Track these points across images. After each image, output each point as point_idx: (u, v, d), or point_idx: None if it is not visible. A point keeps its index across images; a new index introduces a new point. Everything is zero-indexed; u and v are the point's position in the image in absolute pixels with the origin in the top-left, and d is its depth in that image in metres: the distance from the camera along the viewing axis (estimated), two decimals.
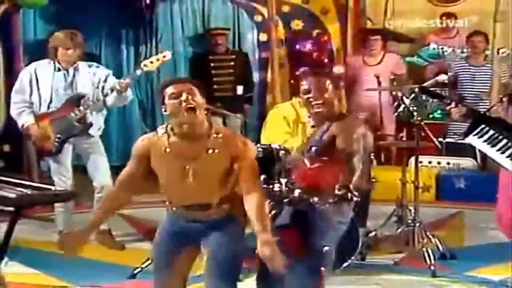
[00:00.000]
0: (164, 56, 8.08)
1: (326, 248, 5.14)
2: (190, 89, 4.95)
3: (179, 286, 5.16)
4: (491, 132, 6.77)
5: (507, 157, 6.63)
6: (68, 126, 8.08)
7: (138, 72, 8.07)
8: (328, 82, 5.33)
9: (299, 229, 5.25)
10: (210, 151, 4.94)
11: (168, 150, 4.99)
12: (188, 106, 4.87)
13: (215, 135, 4.98)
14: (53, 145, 8.13)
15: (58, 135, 8.10)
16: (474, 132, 6.90)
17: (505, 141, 6.67)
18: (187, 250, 5.10)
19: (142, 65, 7.98)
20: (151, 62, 7.96)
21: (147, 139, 5.16)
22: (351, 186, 4.93)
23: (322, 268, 5.21)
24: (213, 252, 4.99)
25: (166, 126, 5.07)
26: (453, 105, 7.11)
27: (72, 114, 8.04)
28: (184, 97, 4.88)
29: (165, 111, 4.99)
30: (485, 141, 6.80)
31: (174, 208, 5.12)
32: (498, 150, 6.70)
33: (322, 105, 5.25)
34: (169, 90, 4.97)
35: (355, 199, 4.97)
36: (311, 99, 5.26)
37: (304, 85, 5.35)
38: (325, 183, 5.05)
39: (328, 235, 5.22)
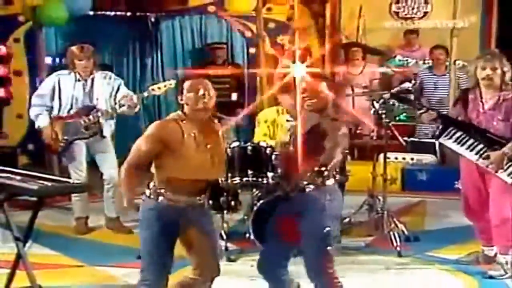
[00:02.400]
0: (170, 84, 8.15)
1: (327, 229, 5.10)
2: (206, 84, 5.14)
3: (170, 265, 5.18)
4: (459, 133, 6.85)
5: (476, 154, 6.68)
6: (76, 130, 8.15)
7: (145, 94, 8.14)
8: (324, 84, 5.28)
9: (296, 217, 5.20)
10: (214, 139, 5.14)
11: (189, 134, 5.04)
12: (204, 99, 5.06)
13: (214, 126, 5.21)
14: (58, 145, 8.16)
15: (65, 137, 8.14)
16: (444, 134, 6.96)
17: (472, 140, 6.73)
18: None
19: (150, 89, 8.06)
20: (158, 88, 8.13)
21: (169, 119, 5.19)
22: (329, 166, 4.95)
23: (328, 248, 5.16)
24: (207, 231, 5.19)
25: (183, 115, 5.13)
26: (423, 110, 7.15)
27: (81, 121, 8.10)
28: (201, 92, 5.06)
29: (181, 99, 5.10)
30: (454, 141, 6.86)
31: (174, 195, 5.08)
32: (467, 149, 6.76)
33: (314, 103, 5.20)
34: (187, 84, 5.10)
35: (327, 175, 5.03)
36: (305, 98, 5.22)
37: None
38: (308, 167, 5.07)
39: (323, 217, 5.15)
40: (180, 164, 5.02)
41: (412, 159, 10.99)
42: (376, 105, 7.96)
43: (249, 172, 6.33)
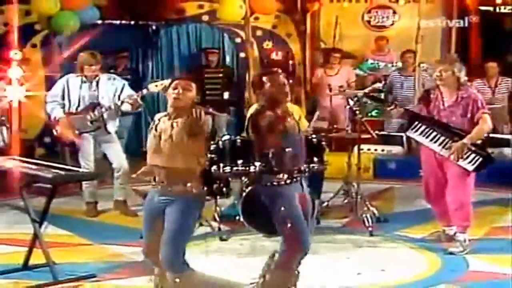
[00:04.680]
0: (165, 83, 8.09)
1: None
2: (187, 85, 4.92)
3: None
4: (424, 127, 6.87)
5: (439, 145, 6.70)
6: (83, 125, 8.13)
7: (145, 91, 7.95)
8: (283, 77, 5.15)
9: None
10: (178, 132, 4.82)
11: (158, 124, 4.94)
12: (176, 96, 4.86)
13: (189, 121, 4.84)
14: (69, 138, 8.14)
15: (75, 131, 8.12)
16: (411, 128, 6.99)
17: (435, 133, 6.76)
18: (162, 219, 4.92)
19: (149, 87, 7.92)
20: (156, 86, 7.93)
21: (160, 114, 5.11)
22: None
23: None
24: (167, 224, 4.86)
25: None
26: (392, 107, 7.17)
27: (88, 117, 8.10)
28: (176, 90, 4.86)
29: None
30: (419, 134, 6.89)
31: (155, 180, 4.96)
32: (431, 140, 6.79)
33: (283, 94, 5.06)
34: (173, 84, 4.94)
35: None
36: (272, 90, 5.04)
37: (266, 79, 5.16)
38: None
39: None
40: (149, 151, 4.99)
41: (382, 150, 11.00)
42: (351, 103, 7.96)
43: (239, 162, 6.33)
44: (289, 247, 4.96)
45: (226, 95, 11.62)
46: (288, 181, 4.97)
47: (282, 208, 4.90)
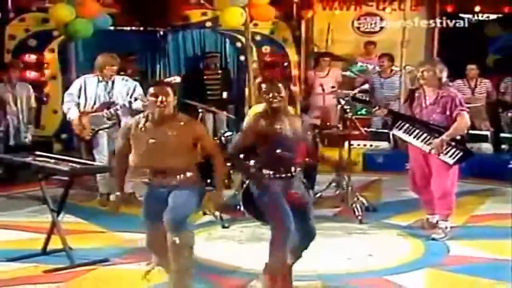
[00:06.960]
0: (174, 79, 8.15)
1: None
2: (165, 91, 4.88)
3: (163, 237, 4.98)
4: (406, 125, 6.90)
5: (421, 141, 6.72)
6: (100, 122, 8.12)
7: None
8: (280, 85, 5.15)
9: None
10: (170, 133, 4.87)
11: (142, 129, 4.93)
12: (161, 105, 4.84)
13: (177, 122, 4.91)
14: (88, 133, 8.13)
15: (92, 127, 8.12)
16: (395, 126, 7.01)
17: (417, 130, 6.78)
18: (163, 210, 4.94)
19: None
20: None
21: (133, 120, 5.11)
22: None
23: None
24: (171, 200, 4.90)
25: (146, 114, 5.00)
26: (377, 108, 7.21)
27: (104, 114, 8.09)
28: (160, 98, 4.83)
29: (146, 101, 4.98)
30: (403, 132, 6.91)
31: (148, 177, 5.02)
32: (414, 137, 6.81)
33: (279, 102, 5.09)
34: (151, 90, 4.92)
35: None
36: (270, 98, 5.08)
37: (265, 87, 5.16)
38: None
39: None
40: (133, 153, 5.00)
41: (371, 145, 11.02)
42: (342, 102, 7.98)
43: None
44: (273, 227, 5.02)
45: (225, 94, 11.65)
46: (272, 176, 5.01)
47: (265, 197, 5.00)
